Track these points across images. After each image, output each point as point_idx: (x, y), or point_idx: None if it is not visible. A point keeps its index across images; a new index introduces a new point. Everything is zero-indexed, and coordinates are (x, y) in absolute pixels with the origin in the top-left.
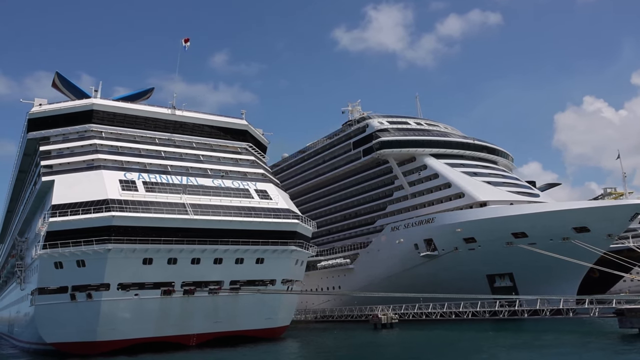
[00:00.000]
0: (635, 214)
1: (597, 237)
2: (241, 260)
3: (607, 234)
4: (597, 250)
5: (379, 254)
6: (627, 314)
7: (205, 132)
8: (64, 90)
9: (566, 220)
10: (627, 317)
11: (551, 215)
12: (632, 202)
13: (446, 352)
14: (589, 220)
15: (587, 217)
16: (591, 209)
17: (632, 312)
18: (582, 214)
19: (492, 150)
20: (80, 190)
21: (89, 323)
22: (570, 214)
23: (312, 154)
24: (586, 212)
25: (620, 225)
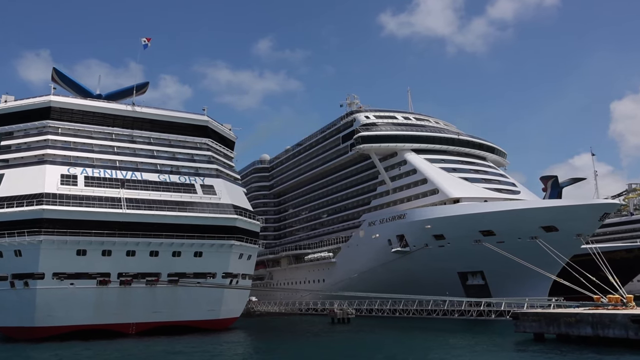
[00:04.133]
0: (605, 214)
1: (566, 236)
2: (178, 254)
3: (577, 233)
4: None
5: (358, 249)
6: (521, 317)
7: (165, 128)
8: (63, 85)
9: (534, 219)
10: (521, 320)
11: (519, 214)
12: (601, 202)
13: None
14: (558, 220)
15: (555, 216)
16: (559, 207)
17: (526, 317)
18: (551, 213)
19: (480, 146)
20: (22, 184)
21: (27, 310)
22: (538, 213)
23: (307, 147)
24: (554, 211)
25: (590, 225)
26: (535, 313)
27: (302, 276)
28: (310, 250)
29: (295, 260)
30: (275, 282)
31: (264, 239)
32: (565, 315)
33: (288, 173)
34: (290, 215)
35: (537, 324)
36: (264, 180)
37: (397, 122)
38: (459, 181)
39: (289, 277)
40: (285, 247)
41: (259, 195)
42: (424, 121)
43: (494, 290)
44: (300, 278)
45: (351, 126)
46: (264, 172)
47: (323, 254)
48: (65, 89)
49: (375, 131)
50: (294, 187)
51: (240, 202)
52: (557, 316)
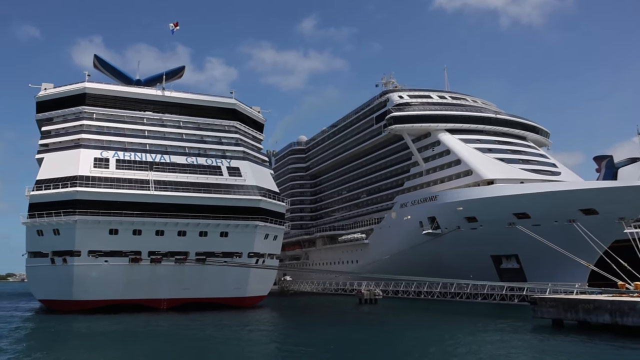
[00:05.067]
0: None
1: (607, 220)
2: (205, 233)
3: (618, 217)
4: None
5: (390, 231)
6: (539, 303)
7: (194, 112)
8: (104, 71)
9: (573, 201)
10: (539, 306)
11: (556, 195)
12: None
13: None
14: (598, 202)
15: (595, 199)
16: (599, 189)
17: (544, 302)
18: (590, 195)
19: (520, 125)
20: (59, 167)
21: (65, 284)
22: (576, 195)
23: (341, 129)
24: (594, 193)
25: (634, 208)
26: (553, 299)
27: (337, 257)
28: (344, 231)
29: (329, 241)
30: (311, 262)
31: (300, 219)
32: (584, 301)
33: (323, 155)
34: (326, 196)
35: (555, 309)
36: (300, 162)
37: (432, 101)
38: (494, 162)
39: (323, 258)
40: (320, 228)
41: (296, 177)
42: (461, 100)
43: (530, 274)
44: (334, 259)
45: (384, 106)
46: (300, 154)
47: (356, 235)
48: (106, 75)
49: (408, 111)
50: (329, 169)
51: (266, 184)
52: (575, 302)
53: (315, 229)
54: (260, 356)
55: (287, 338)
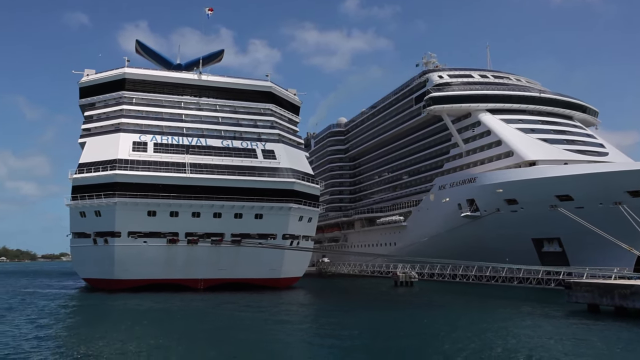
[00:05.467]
0: None
1: None
2: (240, 215)
3: None
4: None
5: (428, 213)
6: (573, 287)
7: (230, 95)
8: (145, 56)
9: (619, 183)
10: (574, 291)
11: (601, 177)
12: None
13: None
14: None
15: None
16: None
17: (579, 287)
18: (637, 176)
19: (565, 104)
20: (100, 151)
21: (107, 264)
22: (623, 176)
23: (380, 110)
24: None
25: None
26: (589, 283)
27: (375, 239)
28: (382, 213)
29: (368, 223)
30: (350, 244)
31: (339, 201)
32: (620, 286)
33: (362, 136)
34: (365, 178)
35: (590, 294)
36: (339, 144)
37: (472, 81)
38: (537, 142)
39: (362, 240)
40: (358, 210)
41: (335, 159)
42: (504, 79)
43: (573, 258)
44: (372, 241)
45: (424, 87)
46: (340, 136)
47: (394, 217)
48: (148, 59)
49: (447, 91)
50: (367, 151)
51: (301, 166)
52: (611, 287)
53: (354, 211)
54: (287, 336)
55: (317, 319)
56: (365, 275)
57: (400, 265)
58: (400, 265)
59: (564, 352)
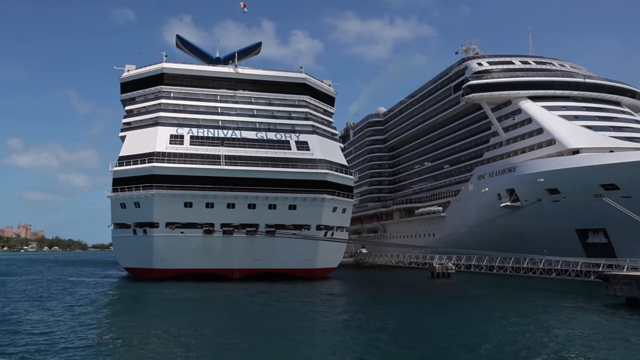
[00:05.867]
0: None
1: None
2: (274, 206)
3: None
4: None
5: (467, 203)
6: (611, 280)
7: (265, 87)
8: (185, 50)
9: None
10: (612, 283)
11: None
12: None
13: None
14: None
15: None
16: None
17: (616, 279)
18: None
19: (612, 89)
20: (139, 144)
21: (146, 253)
22: None
23: (418, 99)
24: None
25: None
26: (626, 276)
27: (413, 230)
28: (421, 204)
29: (406, 213)
30: (389, 235)
31: (378, 192)
32: None
33: (401, 126)
34: (403, 169)
35: (628, 287)
36: (378, 134)
37: (513, 67)
38: (581, 130)
39: (400, 231)
40: (397, 201)
41: (374, 149)
42: (546, 65)
43: (620, 250)
44: (411, 232)
45: (463, 75)
46: (378, 126)
47: (433, 208)
48: (188, 54)
49: (486, 79)
50: (406, 141)
51: (334, 157)
52: None
53: (392, 201)
54: (314, 326)
55: (348, 311)
56: (402, 266)
57: (437, 256)
58: (437, 256)
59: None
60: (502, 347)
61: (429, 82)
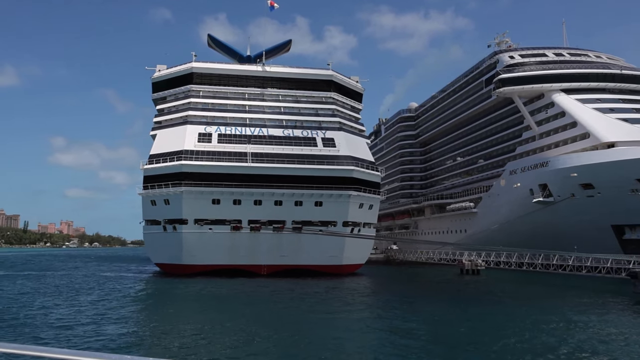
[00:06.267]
0: None
1: None
2: (300, 203)
3: None
4: None
5: (498, 199)
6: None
7: (292, 85)
8: (217, 49)
9: None
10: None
11: None
12: None
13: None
14: None
15: None
16: None
17: None
18: None
19: None
20: (168, 143)
21: (176, 249)
22: None
23: (450, 93)
24: None
25: None
26: None
27: (445, 226)
28: (452, 200)
29: (438, 209)
30: (420, 231)
31: (410, 188)
32: None
33: (432, 121)
34: (435, 164)
35: None
36: (409, 129)
37: (546, 60)
38: (616, 123)
39: (432, 227)
40: (428, 197)
41: (405, 145)
42: (581, 56)
43: None
44: (442, 228)
45: (494, 68)
46: (410, 121)
47: (464, 203)
48: (220, 52)
49: (518, 72)
50: (437, 136)
51: (360, 154)
52: None
53: (424, 197)
54: (336, 324)
55: (374, 309)
56: (432, 263)
57: (466, 253)
58: (466, 253)
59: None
60: (516, 346)
61: (460, 76)
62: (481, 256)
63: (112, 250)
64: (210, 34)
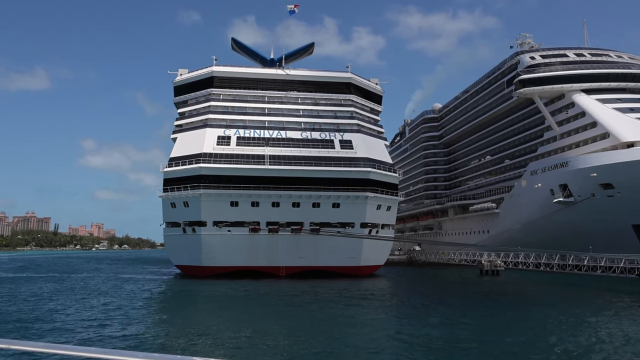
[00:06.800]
0: None
1: None
2: (317, 205)
3: None
4: None
5: (520, 199)
6: None
7: (311, 88)
8: (241, 52)
9: None
10: None
11: None
12: None
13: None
14: None
15: None
16: None
17: None
18: None
19: None
20: (188, 146)
21: (195, 251)
22: None
23: (473, 94)
24: None
25: None
26: None
27: (468, 227)
28: (475, 200)
29: (461, 210)
30: (444, 232)
31: (434, 189)
32: None
33: (456, 122)
34: (458, 165)
35: None
36: (433, 130)
37: (566, 60)
38: (635, 123)
39: (455, 228)
40: (451, 198)
41: (429, 146)
42: (602, 56)
43: None
44: (466, 228)
45: (515, 69)
46: (433, 122)
47: (486, 204)
48: (243, 56)
49: (538, 73)
50: (461, 137)
51: (378, 155)
52: None
53: (447, 198)
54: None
55: (388, 311)
56: (453, 264)
57: (486, 253)
58: (485, 253)
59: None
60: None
61: (482, 76)
62: (500, 257)
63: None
64: (234, 38)
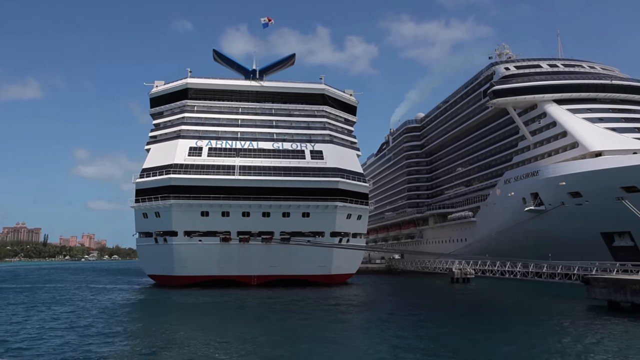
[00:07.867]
0: None
1: None
2: (287, 214)
3: None
4: None
5: (495, 208)
6: (592, 283)
7: (285, 99)
8: (222, 63)
9: None
10: (592, 286)
11: None
12: None
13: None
14: None
15: None
16: None
17: (597, 282)
18: None
19: None
20: (160, 157)
21: (167, 261)
22: None
23: (452, 104)
24: None
25: None
26: (605, 279)
27: (447, 235)
28: (453, 209)
29: (440, 219)
30: (425, 240)
31: (417, 197)
32: (632, 282)
33: (436, 131)
34: (439, 174)
35: (606, 290)
36: (415, 140)
37: (539, 71)
38: (604, 132)
39: (436, 236)
40: (431, 207)
41: (411, 155)
42: (576, 67)
43: None
44: (445, 237)
45: (491, 79)
46: (416, 132)
47: (464, 213)
48: (225, 67)
49: (511, 83)
50: (441, 146)
51: (349, 165)
52: (623, 283)
53: (428, 207)
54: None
55: (352, 320)
56: (427, 272)
57: (456, 261)
58: (456, 261)
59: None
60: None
61: (461, 86)
62: (469, 264)
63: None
64: (215, 49)
